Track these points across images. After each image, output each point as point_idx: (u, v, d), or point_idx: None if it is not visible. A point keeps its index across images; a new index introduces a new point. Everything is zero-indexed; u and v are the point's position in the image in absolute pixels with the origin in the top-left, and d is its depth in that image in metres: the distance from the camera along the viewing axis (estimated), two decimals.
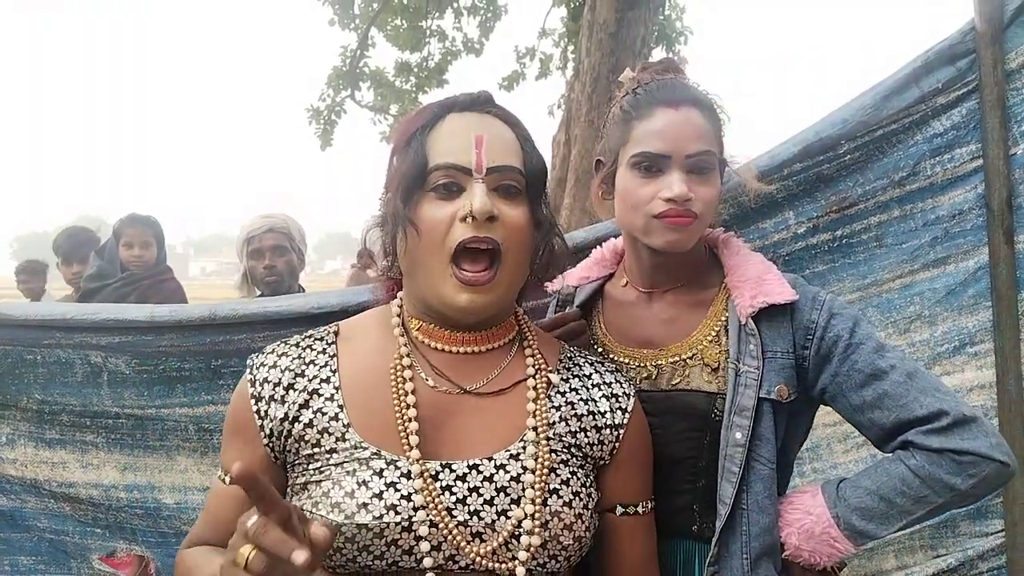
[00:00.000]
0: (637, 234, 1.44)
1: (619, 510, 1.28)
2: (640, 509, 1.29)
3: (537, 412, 1.21)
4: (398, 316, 1.27)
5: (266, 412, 1.20)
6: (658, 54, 7.69)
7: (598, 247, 1.70)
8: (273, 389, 1.20)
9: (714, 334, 1.43)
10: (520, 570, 1.12)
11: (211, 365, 1.94)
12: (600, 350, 1.51)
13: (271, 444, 1.20)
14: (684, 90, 1.41)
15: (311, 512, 1.12)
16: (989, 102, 1.88)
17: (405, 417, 1.16)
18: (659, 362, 1.44)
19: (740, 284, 1.43)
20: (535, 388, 1.24)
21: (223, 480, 1.24)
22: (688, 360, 1.43)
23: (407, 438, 1.15)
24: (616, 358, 1.49)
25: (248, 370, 1.24)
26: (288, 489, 1.21)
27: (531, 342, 1.30)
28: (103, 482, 2.02)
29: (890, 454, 1.36)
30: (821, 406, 1.48)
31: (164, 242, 4.00)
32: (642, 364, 1.46)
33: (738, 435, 1.35)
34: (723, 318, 1.44)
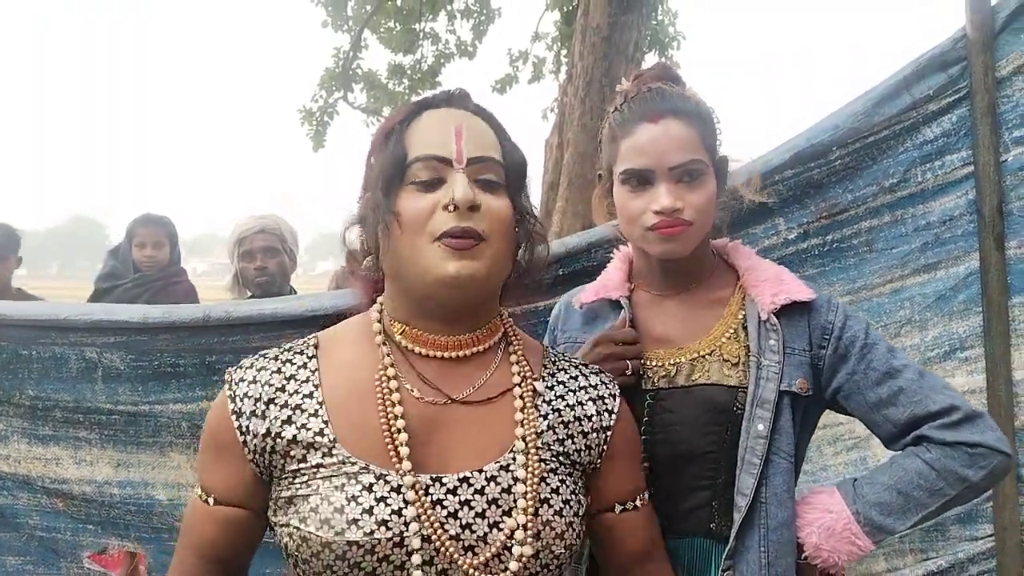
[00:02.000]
0: (638, 244, 1.49)
1: (618, 508, 1.27)
2: (638, 503, 1.29)
3: (525, 422, 1.19)
4: (379, 323, 1.23)
5: (247, 428, 1.15)
6: (651, 59, 7.70)
7: (614, 254, 1.67)
8: (254, 404, 1.16)
9: (732, 331, 1.45)
10: None
11: (205, 361, 1.94)
12: None
13: (255, 460, 1.16)
14: (664, 101, 1.42)
15: (298, 528, 1.09)
16: (980, 109, 1.90)
17: (393, 429, 1.13)
18: (678, 360, 1.45)
19: (759, 283, 1.46)
20: (522, 397, 1.21)
21: (204, 500, 1.19)
22: (707, 356, 1.44)
23: (396, 451, 1.12)
24: None
25: (227, 385, 1.20)
26: (272, 503, 1.17)
27: (516, 347, 1.26)
28: (96, 478, 2.01)
29: (901, 451, 1.40)
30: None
31: (177, 243, 3.94)
32: (659, 363, 1.46)
33: (760, 427, 1.37)
34: (740, 316, 1.46)
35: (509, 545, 1.11)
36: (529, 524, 1.12)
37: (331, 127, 10.36)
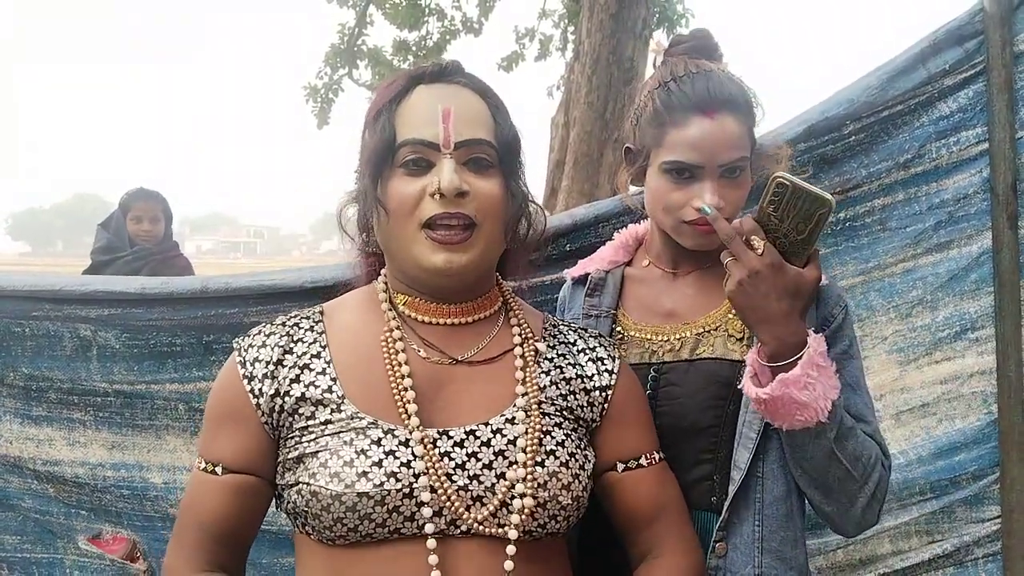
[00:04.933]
0: (667, 231, 1.46)
1: (620, 466, 1.29)
2: (644, 461, 1.30)
3: (527, 379, 1.22)
4: (384, 292, 1.27)
5: (260, 391, 1.19)
6: (659, 37, 7.63)
7: (616, 233, 1.67)
8: (265, 367, 1.20)
9: None
10: (512, 532, 1.13)
11: (202, 340, 1.91)
12: (618, 329, 1.51)
13: (268, 422, 1.19)
14: (719, 90, 1.38)
15: (307, 484, 1.12)
16: (996, 84, 1.86)
17: (401, 387, 1.16)
18: (683, 334, 1.45)
19: None
20: (523, 356, 1.25)
21: (212, 472, 1.21)
22: (713, 331, 1.44)
23: (404, 407, 1.15)
24: (635, 334, 1.49)
25: (236, 352, 1.24)
26: (280, 466, 1.19)
27: (516, 312, 1.30)
28: (89, 460, 1.99)
29: None
30: None
31: (171, 218, 3.99)
32: (665, 337, 1.46)
33: None
34: None
35: (514, 496, 1.14)
36: (531, 475, 1.15)
37: (336, 104, 10.35)
